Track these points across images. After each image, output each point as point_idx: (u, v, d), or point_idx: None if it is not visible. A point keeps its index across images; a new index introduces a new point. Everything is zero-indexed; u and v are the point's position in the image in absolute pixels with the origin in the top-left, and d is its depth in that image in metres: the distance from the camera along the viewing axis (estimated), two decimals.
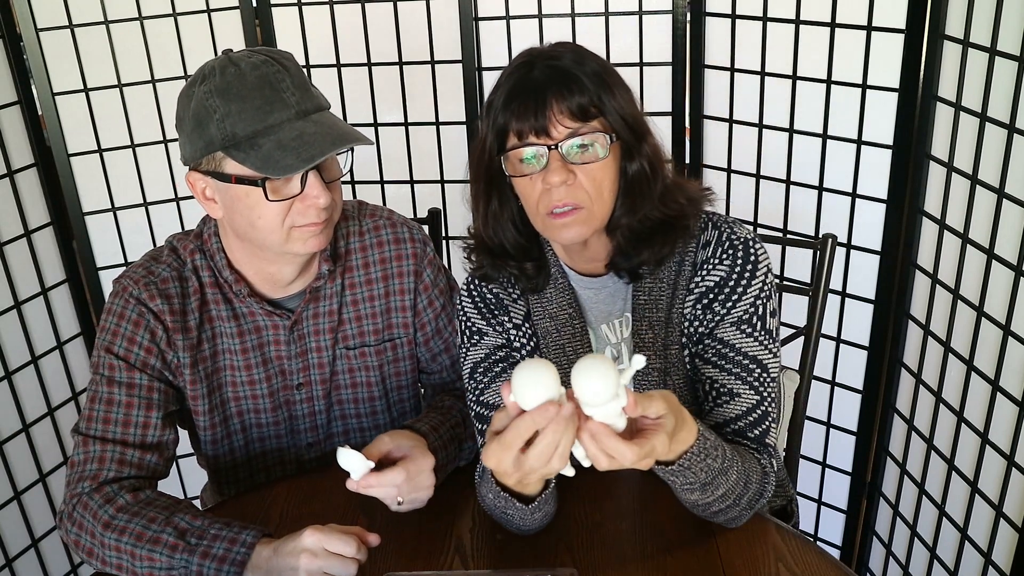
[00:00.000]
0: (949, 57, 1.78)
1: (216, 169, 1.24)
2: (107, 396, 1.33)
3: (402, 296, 1.46)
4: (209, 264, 1.37)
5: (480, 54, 2.25)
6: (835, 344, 2.15)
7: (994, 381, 1.72)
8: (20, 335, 2.08)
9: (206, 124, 1.21)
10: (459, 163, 2.34)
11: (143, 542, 1.20)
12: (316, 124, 1.22)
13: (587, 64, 1.17)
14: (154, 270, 1.36)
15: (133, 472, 1.31)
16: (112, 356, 1.33)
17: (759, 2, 2.03)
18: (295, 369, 1.44)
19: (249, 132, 1.20)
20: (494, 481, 1.13)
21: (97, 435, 1.32)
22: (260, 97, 1.20)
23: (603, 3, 2.16)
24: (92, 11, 2.09)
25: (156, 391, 1.35)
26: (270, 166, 1.19)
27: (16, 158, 2.05)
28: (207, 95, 1.21)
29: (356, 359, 1.46)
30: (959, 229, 1.79)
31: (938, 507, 1.95)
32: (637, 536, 1.24)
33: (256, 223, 1.25)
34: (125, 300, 1.34)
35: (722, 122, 2.20)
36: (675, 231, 1.23)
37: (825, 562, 1.18)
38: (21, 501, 2.11)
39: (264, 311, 1.39)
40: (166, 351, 1.36)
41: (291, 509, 1.35)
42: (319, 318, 1.42)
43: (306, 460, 1.51)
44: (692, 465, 1.05)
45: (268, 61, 1.23)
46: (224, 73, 1.21)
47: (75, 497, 1.28)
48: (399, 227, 1.47)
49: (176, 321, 1.35)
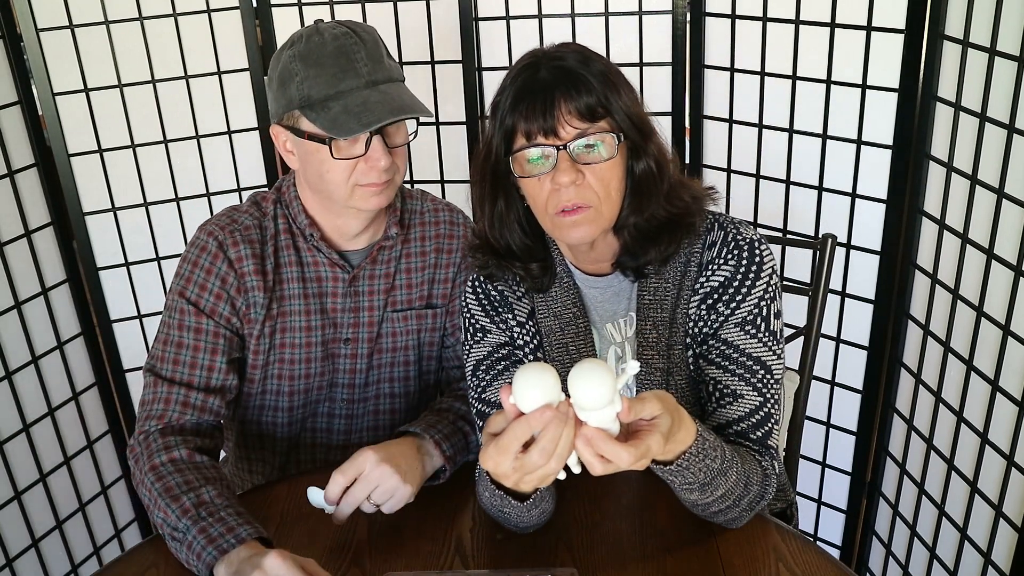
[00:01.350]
0: (949, 57, 1.78)
1: (294, 125, 1.36)
2: (177, 339, 1.42)
3: (447, 269, 1.56)
4: (285, 212, 1.48)
5: (480, 54, 2.25)
6: (835, 344, 2.15)
7: (994, 381, 1.73)
8: (20, 335, 2.08)
9: (288, 84, 1.34)
10: (459, 163, 2.34)
11: (167, 496, 1.26)
12: (382, 94, 1.33)
13: (593, 64, 1.17)
14: (237, 219, 1.47)
15: (196, 415, 1.40)
16: (184, 300, 1.43)
17: (759, 2, 2.03)
18: (346, 323, 1.52)
19: (322, 96, 1.32)
20: (489, 479, 1.13)
21: (167, 376, 1.41)
22: (335, 65, 1.32)
23: (603, 3, 2.16)
24: (92, 11, 2.09)
25: (222, 337, 1.44)
26: (336, 127, 1.30)
27: (16, 158, 2.05)
28: (291, 59, 1.34)
29: (399, 322, 1.55)
30: (959, 229, 1.79)
31: (938, 507, 1.95)
32: (637, 536, 1.24)
33: (325, 176, 1.36)
34: (202, 246, 1.44)
35: (722, 122, 2.20)
36: (681, 229, 1.24)
37: (825, 562, 1.19)
38: (21, 501, 2.11)
39: (329, 261, 1.48)
40: (235, 297, 1.44)
41: (291, 510, 1.35)
42: (375, 279, 1.52)
43: (337, 415, 1.58)
44: (691, 465, 1.05)
45: (348, 33, 1.34)
46: (309, 40, 1.34)
47: (142, 433, 1.38)
48: (455, 213, 1.59)
49: (257, 264, 1.45)
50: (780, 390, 1.26)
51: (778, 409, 1.24)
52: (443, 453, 1.34)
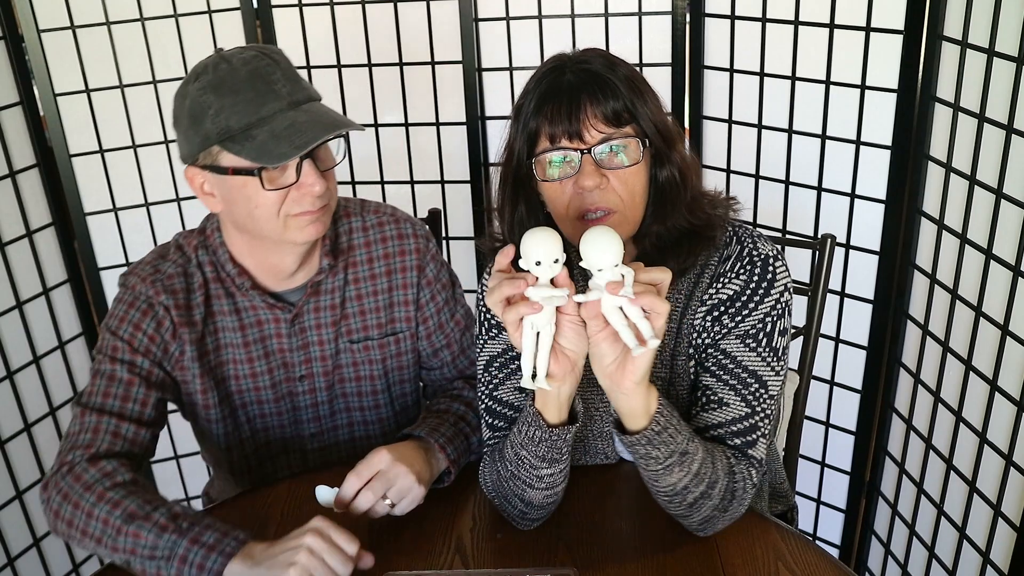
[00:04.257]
0: (947, 58, 1.79)
1: (213, 163, 1.26)
2: (109, 372, 1.35)
3: (405, 290, 1.48)
4: (212, 259, 1.40)
5: (480, 55, 2.25)
6: (834, 344, 2.16)
7: (992, 381, 1.73)
8: (22, 335, 2.09)
9: (201, 120, 1.24)
10: (459, 163, 2.34)
11: (134, 519, 1.19)
12: (307, 113, 1.25)
13: (619, 69, 1.16)
14: (160, 267, 1.39)
15: (126, 446, 1.32)
16: (116, 338, 1.36)
17: (758, 3, 2.04)
18: (297, 361, 1.46)
19: (243, 124, 1.22)
20: (530, 418, 1.14)
21: (95, 407, 1.33)
22: (252, 90, 1.23)
23: (603, 4, 2.17)
24: (93, 12, 2.10)
25: (155, 375, 1.38)
26: (264, 155, 1.21)
27: (18, 159, 2.05)
28: (201, 92, 1.24)
29: (360, 352, 1.48)
30: (958, 229, 1.80)
31: (937, 506, 1.95)
32: (637, 536, 1.25)
33: (254, 213, 1.27)
34: (134, 296, 1.38)
35: (721, 123, 2.20)
36: (701, 243, 1.23)
37: (824, 561, 1.19)
38: (23, 500, 2.11)
39: (266, 304, 1.41)
40: (169, 342, 1.38)
41: (291, 509, 1.35)
42: (321, 312, 1.44)
43: (309, 451, 1.53)
44: (653, 437, 1.09)
45: (259, 55, 1.26)
46: (216, 69, 1.24)
47: (65, 465, 1.28)
48: (402, 223, 1.48)
49: (182, 315, 1.38)
50: (774, 407, 1.23)
51: (767, 424, 1.22)
52: (447, 457, 1.33)
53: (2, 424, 2.06)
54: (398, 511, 1.26)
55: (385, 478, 1.24)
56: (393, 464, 1.24)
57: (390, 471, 1.24)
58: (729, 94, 2.16)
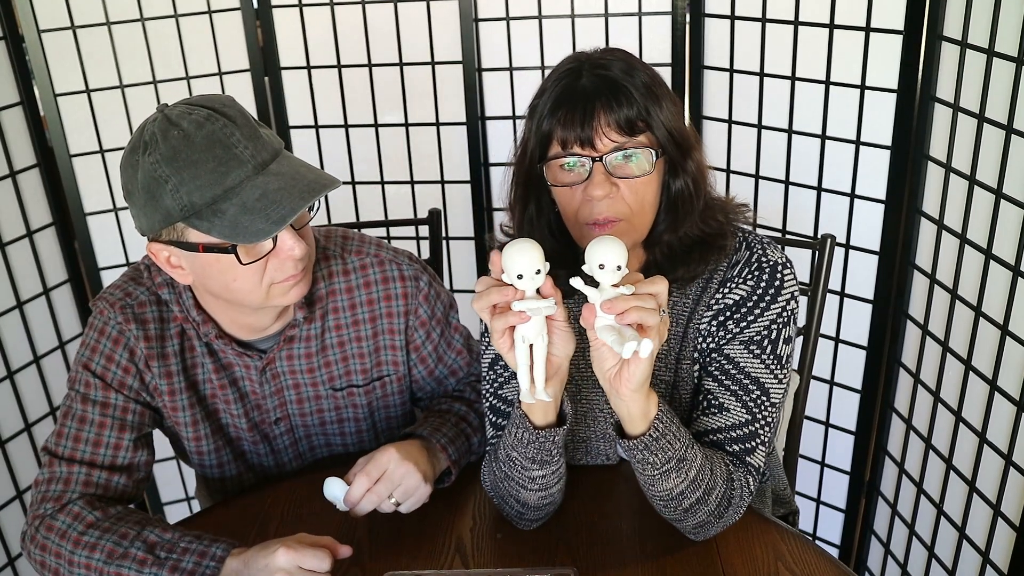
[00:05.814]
0: (947, 58, 1.79)
1: (179, 239, 1.17)
2: (80, 414, 1.31)
3: (392, 336, 1.41)
4: (178, 299, 1.32)
5: (480, 55, 2.25)
6: (834, 344, 2.16)
7: (992, 381, 1.73)
8: (22, 335, 2.09)
9: (159, 196, 1.13)
10: (459, 163, 2.34)
11: (114, 559, 1.19)
12: (278, 177, 1.15)
13: (637, 75, 1.15)
14: (132, 292, 1.33)
15: (100, 492, 1.29)
16: (89, 373, 1.31)
17: (758, 3, 2.04)
18: (271, 406, 1.42)
19: (208, 199, 1.12)
20: (516, 422, 1.13)
21: (65, 455, 1.29)
22: (212, 159, 1.12)
23: (603, 4, 2.17)
24: (94, 12, 2.10)
25: (131, 412, 1.33)
26: (239, 233, 1.12)
27: (18, 159, 2.06)
28: (155, 164, 1.12)
29: (344, 399, 1.44)
30: (957, 229, 1.80)
31: (936, 506, 1.95)
32: (637, 536, 1.25)
33: (232, 285, 1.20)
34: (103, 321, 1.32)
35: (721, 123, 2.20)
36: (712, 251, 1.22)
37: (824, 561, 1.19)
38: (23, 500, 2.11)
39: (234, 351, 1.34)
40: (145, 371, 1.33)
41: (291, 510, 1.35)
42: (295, 359, 1.38)
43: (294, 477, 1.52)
44: (651, 443, 1.09)
45: (212, 116, 1.14)
46: (167, 138, 1.12)
47: (38, 519, 1.27)
48: (387, 265, 1.39)
49: (152, 348, 1.32)
50: (776, 415, 1.23)
51: (767, 432, 1.21)
52: (449, 457, 1.33)
53: (2, 424, 2.06)
54: (404, 509, 1.26)
55: (391, 478, 1.23)
56: (401, 463, 1.24)
57: (396, 471, 1.23)
58: (729, 94, 2.16)
